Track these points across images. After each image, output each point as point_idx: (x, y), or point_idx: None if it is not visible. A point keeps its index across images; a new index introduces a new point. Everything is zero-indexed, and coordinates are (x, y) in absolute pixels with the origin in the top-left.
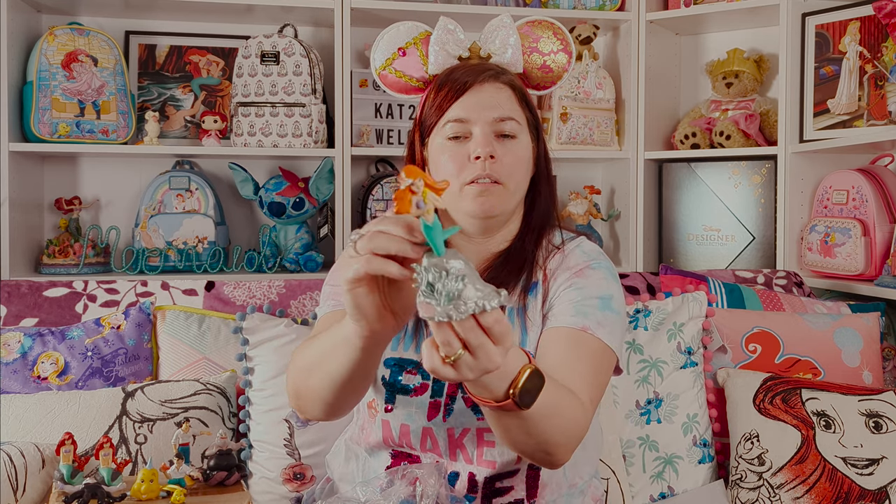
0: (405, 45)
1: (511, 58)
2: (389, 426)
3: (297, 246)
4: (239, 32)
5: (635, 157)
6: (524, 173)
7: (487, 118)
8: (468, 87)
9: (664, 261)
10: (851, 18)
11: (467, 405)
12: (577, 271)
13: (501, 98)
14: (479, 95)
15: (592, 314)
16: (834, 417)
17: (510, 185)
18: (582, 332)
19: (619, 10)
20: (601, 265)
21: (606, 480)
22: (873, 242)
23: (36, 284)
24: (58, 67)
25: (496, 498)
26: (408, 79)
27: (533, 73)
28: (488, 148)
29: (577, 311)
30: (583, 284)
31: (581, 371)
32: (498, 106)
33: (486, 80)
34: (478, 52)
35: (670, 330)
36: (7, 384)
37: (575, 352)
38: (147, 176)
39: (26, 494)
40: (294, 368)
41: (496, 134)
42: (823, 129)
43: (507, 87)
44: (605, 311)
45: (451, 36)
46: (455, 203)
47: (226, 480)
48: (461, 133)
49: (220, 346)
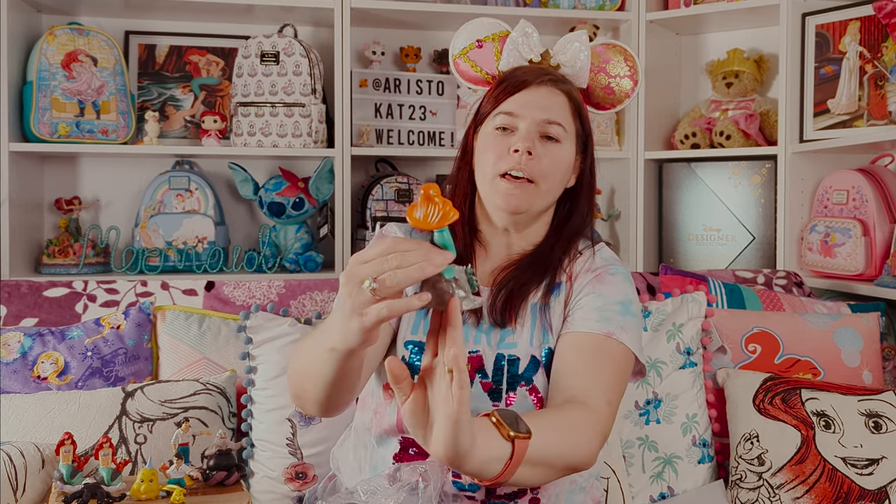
0: (484, 39)
1: (578, 71)
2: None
3: (296, 246)
4: (239, 32)
5: (635, 157)
6: (559, 178)
7: (536, 117)
8: (526, 85)
9: (664, 261)
10: (851, 18)
11: (484, 389)
12: (597, 275)
13: (554, 102)
14: (533, 95)
15: (615, 319)
16: (834, 417)
17: (542, 185)
18: (606, 337)
19: (619, 10)
20: (619, 270)
21: (606, 480)
22: (873, 242)
23: (36, 284)
24: (58, 67)
25: (501, 487)
26: (478, 70)
27: (596, 92)
28: (528, 143)
29: (600, 316)
30: (603, 290)
31: (602, 378)
32: (549, 109)
33: (544, 82)
34: (548, 60)
35: (669, 330)
36: (7, 384)
37: (598, 359)
38: (147, 176)
39: (26, 494)
40: (290, 371)
41: (541, 134)
42: (823, 129)
43: (562, 95)
44: (627, 317)
45: (526, 39)
46: (487, 194)
47: (225, 480)
48: (509, 125)
49: (220, 346)
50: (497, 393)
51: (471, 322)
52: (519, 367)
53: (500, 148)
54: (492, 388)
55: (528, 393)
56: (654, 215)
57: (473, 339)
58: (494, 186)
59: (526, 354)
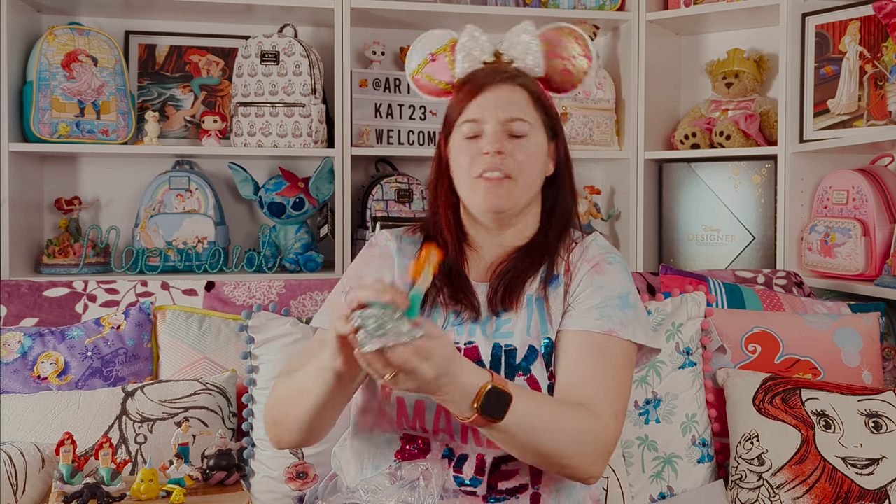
0: (436, 52)
1: (532, 62)
2: (404, 404)
3: (296, 246)
4: (239, 32)
5: (635, 157)
6: (536, 170)
7: (499, 117)
8: (483, 88)
9: (664, 261)
10: (851, 18)
11: None
12: (595, 264)
13: (512, 99)
14: (492, 96)
15: (615, 315)
16: (834, 417)
17: (520, 181)
18: (607, 336)
19: (619, 10)
20: (616, 259)
21: (606, 479)
22: (873, 242)
23: (36, 284)
24: (58, 67)
25: (502, 481)
26: (437, 82)
27: (554, 77)
28: (496, 144)
29: (600, 314)
30: (602, 282)
31: (608, 386)
32: (508, 107)
33: (501, 81)
34: (501, 58)
35: (669, 330)
36: (7, 384)
37: (601, 363)
38: (147, 176)
39: (26, 494)
40: (273, 398)
41: (507, 133)
42: (823, 129)
43: (520, 89)
44: (626, 310)
45: (475, 42)
46: (469, 198)
47: (225, 480)
48: (475, 132)
49: (220, 346)
50: None
51: (467, 316)
52: (516, 357)
53: (470, 153)
54: None
55: (527, 382)
56: (654, 215)
57: (468, 331)
58: (474, 189)
59: (523, 344)
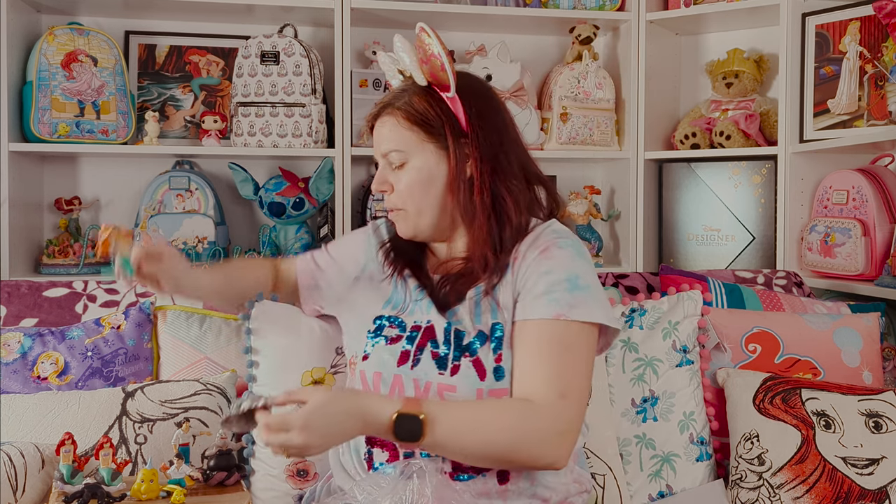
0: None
1: (418, 75)
2: (365, 377)
3: (297, 246)
4: (239, 32)
5: (635, 157)
6: (422, 193)
7: (379, 155)
8: (372, 128)
9: (664, 261)
10: (851, 18)
11: (433, 358)
12: (543, 250)
13: (385, 132)
14: (376, 132)
15: (563, 298)
16: (834, 417)
17: (409, 209)
18: (555, 320)
19: (619, 10)
20: (568, 244)
21: (603, 477)
22: (873, 242)
23: (36, 284)
24: (58, 67)
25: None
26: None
27: (440, 77)
28: (377, 185)
29: (548, 299)
30: (549, 267)
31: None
32: (382, 142)
33: (381, 114)
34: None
35: (665, 328)
36: (7, 384)
37: (547, 349)
38: (147, 176)
39: (26, 494)
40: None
41: (391, 166)
42: (823, 129)
43: (391, 116)
44: (575, 292)
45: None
46: None
47: (226, 481)
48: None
49: (221, 346)
50: (443, 361)
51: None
52: (465, 339)
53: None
54: (439, 357)
55: (472, 364)
56: (654, 215)
57: (426, 308)
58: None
59: (473, 329)
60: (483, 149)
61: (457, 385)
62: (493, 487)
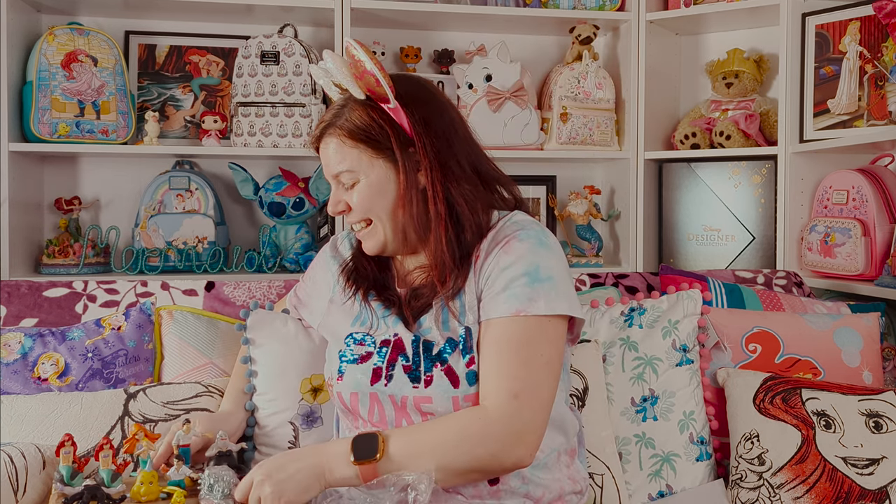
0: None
1: (354, 90)
2: (342, 397)
3: (297, 246)
4: (239, 32)
5: (635, 157)
6: (383, 204)
7: (330, 176)
8: (318, 151)
9: (664, 261)
10: (851, 18)
11: (405, 371)
12: (502, 244)
13: (330, 154)
14: (322, 155)
15: (522, 294)
16: (834, 417)
17: (375, 220)
18: (514, 317)
19: (619, 10)
20: (529, 235)
21: (602, 476)
22: (873, 242)
23: (36, 284)
24: (58, 67)
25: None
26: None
27: (377, 91)
28: (332, 208)
29: (507, 296)
30: (508, 262)
31: (509, 370)
32: (329, 163)
33: (323, 136)
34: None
35: (665, 327)
36: (7, 385)
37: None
38: (147, 176)
39: (26, 495)
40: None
41: (344, 186)
42: (823, 129)
43: (333, 137)
44: (535, 285)
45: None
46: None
47: None
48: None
49: (226, 350)
50: (416, 374)
51: (394, 311)
52: (434, 349)
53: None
54: (411, 370)
55: (444, 374)
56: (654, 215)
57: (392, 323)
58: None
59: (441, 337)
60: (431, 156)
61: (432, 396)
62: (485, 489)
